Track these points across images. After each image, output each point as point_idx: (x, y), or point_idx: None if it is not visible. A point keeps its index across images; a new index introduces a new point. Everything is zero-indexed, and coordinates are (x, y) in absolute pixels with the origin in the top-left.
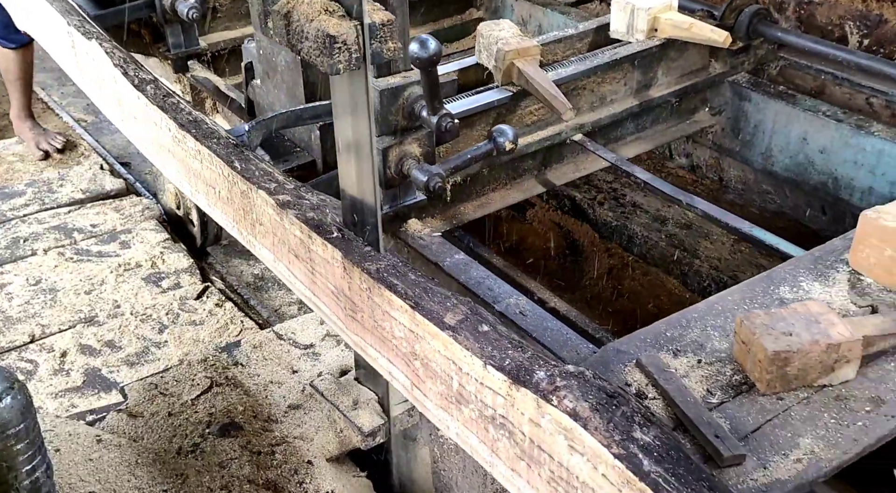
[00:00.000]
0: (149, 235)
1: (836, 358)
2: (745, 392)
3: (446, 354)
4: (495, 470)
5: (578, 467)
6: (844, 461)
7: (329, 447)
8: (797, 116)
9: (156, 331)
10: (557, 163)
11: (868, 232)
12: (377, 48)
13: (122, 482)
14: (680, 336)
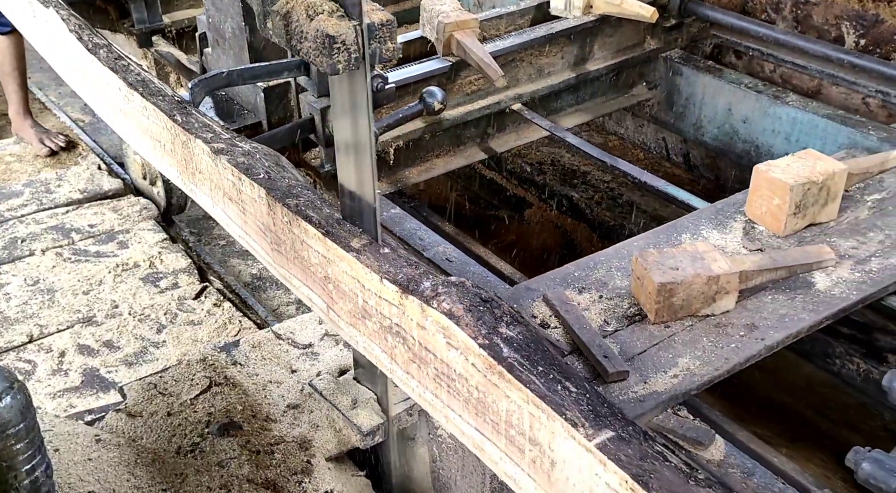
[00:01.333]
0: (147, 236)
1: (716, 290)
2: (638, 322)
3: (352, 273)
4: (395, 376)
5: (455, 360)
6: (716, 376)
7: (328, 446)
8: (723, 88)
9: (154, 331)
10: (499, 132)
11: (759, 184)
12: (376, 48)
13: (121, 481)
14: (586, 276)
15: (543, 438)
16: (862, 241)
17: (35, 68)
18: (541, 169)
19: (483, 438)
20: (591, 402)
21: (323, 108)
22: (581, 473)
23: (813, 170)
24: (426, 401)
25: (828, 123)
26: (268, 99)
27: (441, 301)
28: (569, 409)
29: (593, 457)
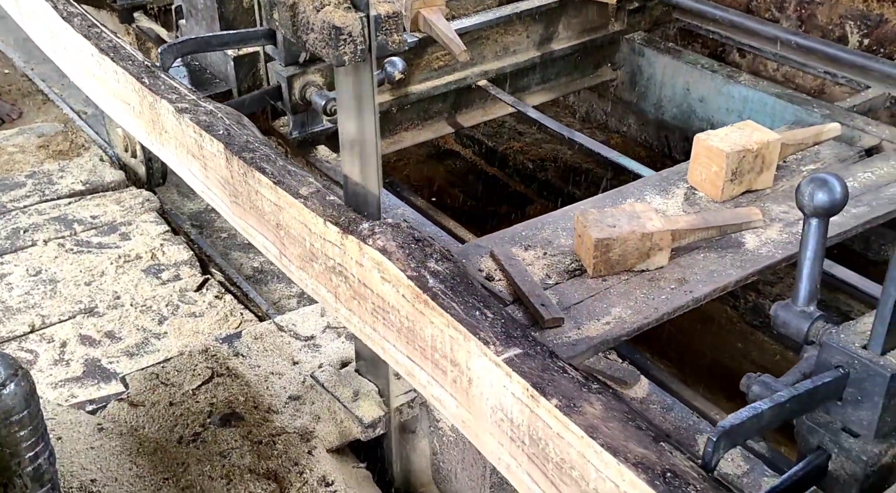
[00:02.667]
0: (149, 227)
1: (650, 246)
2: (578, 276)
3: (300, 219)
4: (340, 314)
5: (388, 293)
6: (645, 324)
7: (329, 437)
8: (681, 68)
9: (155, 322)
10: (466, 107)
11: (699, 152)
12: (382, 40)
13: (123, 470)
14: (533, 235)
15: (461, 358)
16: (792, 206)
17: (38, 59)
18: (542, 166)
19: (413, 364)
20: (505, 326)
21: (289, 76)
22: (492, 386)
23: (749, 139)
24: (366, 335)
25: (776, 101)
26: (238, 68)
27: (377, 239)
28: (483, 330)
29: (501, 371)
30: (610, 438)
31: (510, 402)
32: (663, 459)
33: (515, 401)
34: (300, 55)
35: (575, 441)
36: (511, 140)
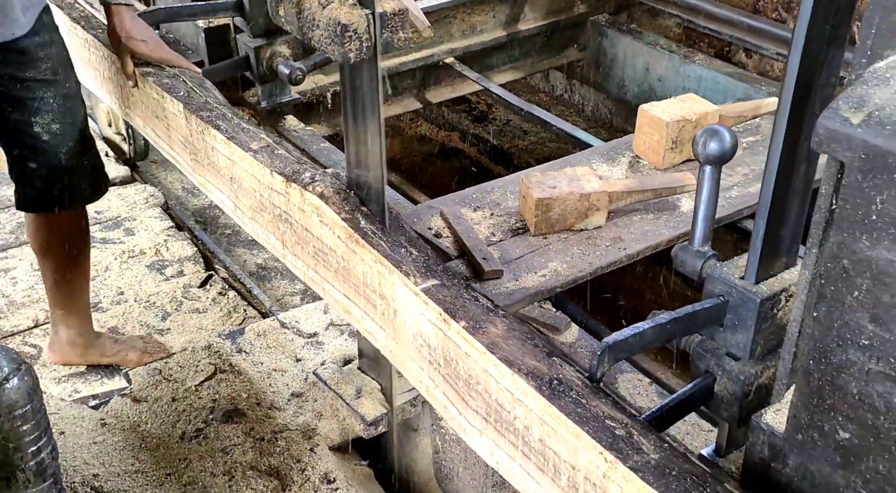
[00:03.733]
0: (153, 223)
1: (588, 206)
2: (521, 234)
3: (250, 171)
4: (287, 260)
5: (326, 236)
6: (579, 277)
7: (331, 435)
8: (641, 49)
9: (159, 318)
10: (435, 84)
11: (644, 122)
12: (388, 37)
13: (125, 465)
14: (482, 198)
15: (388, 291)
16: (729, 174)
17: None
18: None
19: (350, 301)
20: (427, 262)
21: (257, 47)
22: (413, 314)
23: (689, 110)
24: (310, 278)
25: (728, 79)
26: (208, 39)
27: (316, 186)
28: (405, 264)
29: (419, 299)
30: (508, 353)
31: (428, 328)
32: (552, 370)
33: (432, 327)
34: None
35: (479, 358)
36: (516, 139)
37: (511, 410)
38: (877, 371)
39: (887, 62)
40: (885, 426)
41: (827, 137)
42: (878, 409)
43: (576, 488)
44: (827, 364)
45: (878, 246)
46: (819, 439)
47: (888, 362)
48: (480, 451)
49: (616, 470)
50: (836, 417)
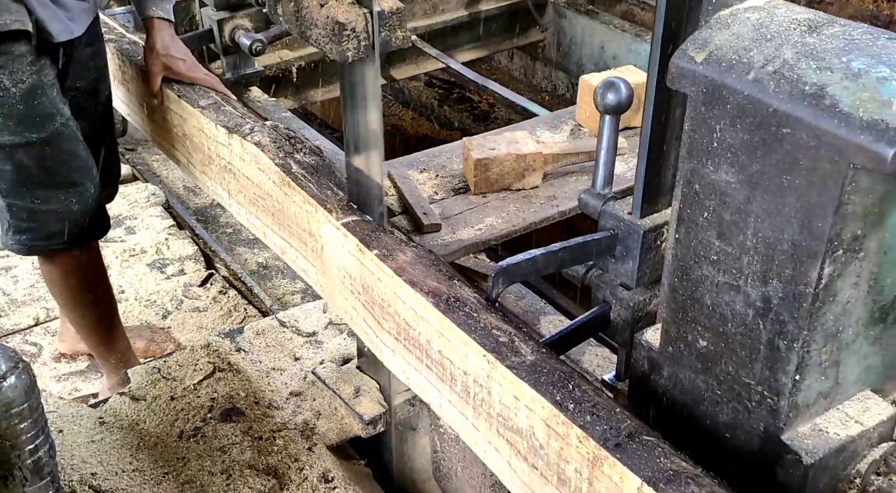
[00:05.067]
0: (154, 222)
1: (524, 167)
2: (462, 193)
3: (198, 126)
4: (232, 209)
5: (263, 182)
6: (513, 231)
7: (330, 434)
8: (597, 28)
9: (159, 317)
10: (399, 61)
11: (584, 91)
12: (386, 36)
13: (123, 464)
14: (430, 161)
15: (315, 228)
16: None
17: None
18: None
19: (285, 243)
20: (351, 203)
21: (219, 19)
22: (336, 247)
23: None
24: (251, 224)
25: None
26: (175, 12)
27: (254, 136)
28: (330, 203)
29: (340, 232)
30: (413, 276)
31: (348, 259)
32: (452, 290)
33: (351, 257)
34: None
35: (389, 282)
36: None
37: (416, 327)
38: (724, 283)
39: (731, 10)
40: (732, 332)
41: (677, 75)
42: (726, 317)
43: (468, 391)
44: (687, 280)
45: (720, 170)
46: (684, 349)
47: (731, 273)
48: (395, 370)
49: (496, 369)
50: (696, 328)
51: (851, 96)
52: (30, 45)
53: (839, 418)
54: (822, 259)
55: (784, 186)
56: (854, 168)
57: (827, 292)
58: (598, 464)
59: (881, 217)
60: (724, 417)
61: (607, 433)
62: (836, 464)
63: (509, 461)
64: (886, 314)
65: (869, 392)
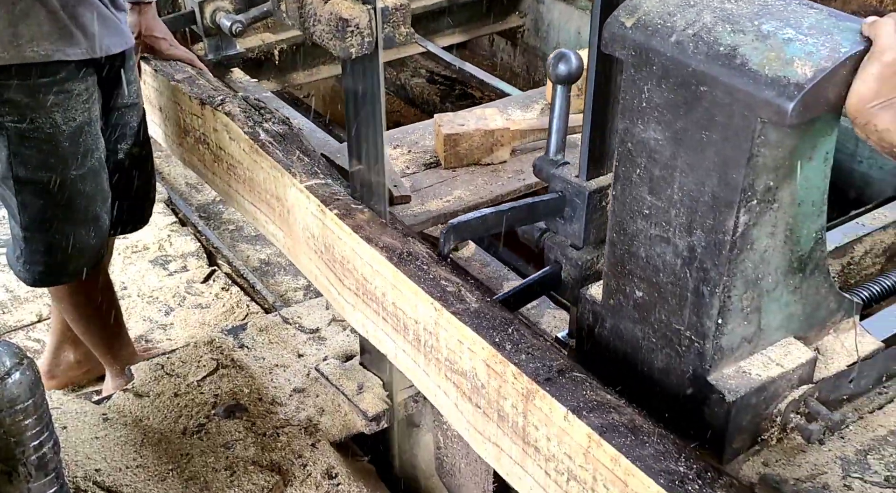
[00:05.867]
0: (156, 218)
1: (492, 142)
2: (433, 168)
3: (173, 99)
4: (207, 179)
5: (234, 150)
6: (481, 202)
7: (333, 430)
8: (573, 13)
9: (162, 313)
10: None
11: None
12: (390, 32)
13: (127, 460)
14: (404, 137)
15: (282, 192)
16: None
17: None
18: None
19: (255, 208)
20: (315, 167)
21: (201, 1)
22: (300, 209)
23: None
24: (226, 194)
25: None
26: None
27: (226, 106)
28: (295, 168)
29: (303, 195)
30: (370, 233)
31: (311, 220)
32: (405, 246)
33: (314, 218)
34: None
35: (347, 239)
36: None
37: (372, 281)
38: (655, 235)
39: None
40: (664, 282)
41: (610, 40)
42: (658, 268)
43: (419, 339)
44: (624, 235)
45: (648, 128)
46: (623, 300)
47: (661, 226)
48: (355, 324)
49: (442, 316)
50: (633, 279)
51: (760, 56)
52: (87, 80)
53: (762, 361)
54: (737, 208)
55: (704, 142)
56: (762, 122)
57: (744, 240)
58: (531, 398)
59: (792, 170)
60: (659, 362)
61: (539, 370)
62: (758, 403)
63: (456, 403)
64: (805, 265)
65: (792, 339)
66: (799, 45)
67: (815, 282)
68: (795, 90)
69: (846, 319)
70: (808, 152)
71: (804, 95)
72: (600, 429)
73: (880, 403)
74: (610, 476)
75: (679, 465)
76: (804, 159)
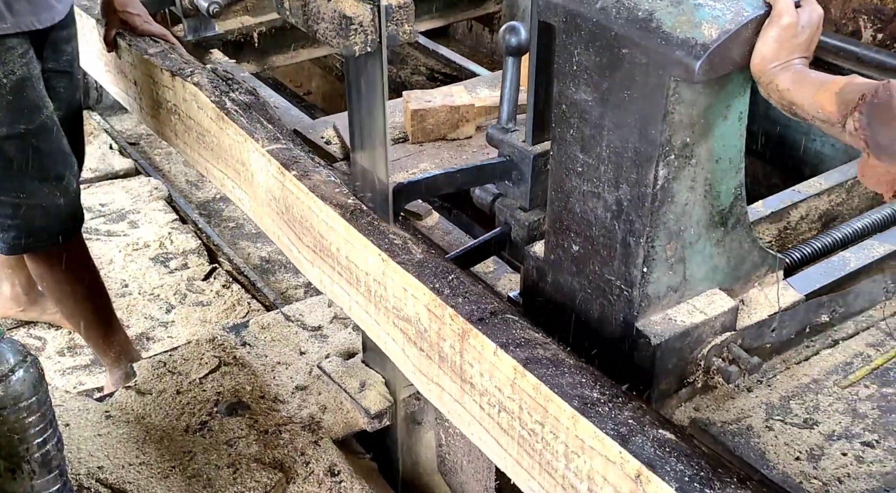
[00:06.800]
0: (157, 216)
1: (458, 118)
2: (402, 143)
3: (147, 72)
4: (179, 148)
5: (202, 119)
6: (444, 173)
7: (335, 428)
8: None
9: (163, 311)
10: None
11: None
12: (393, 30)
13: (130, 457)
14: None
15: (246, 157)
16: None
17: None
18: None
19: (223, 175)
20: (278, 133)
21: None
22: (263, 173)
23: None
24: (195, 161)
25: None
26: None
27: (194, 77)
28: (258, 134)
29: (265, 158)
30: (324, 192)
31: (273, 182)
32: (358, 204)
33: (275, 180)
34: None
35: (305, 198)
36: None
37: (328, 237)
38: (588, 191)
39: None
40: (596, 235)
41: (545, 7)
42: (591, 222)
43: (369, 290)
44: (561, 192)
45: (579, 90)
46: (562, 255)
47: (593, 182)
48: (314, 280)
49: (389, 266)
50: (570, 234)
51: (672, 20)
52: (21, 38)
53: (687, 309)
54: (656, 163)
55: (626, 101)
56: (675, 80)
57: (665, 193)
58: (465, 337)
59: (708, 128)
60: (595, 312)
61: (474, 312)
62: (683, 347)
63: (403, 349)
64: (726, 219)
65: (717, 290)
66: (707, 10)
67: (738, 236)
68: (701, 50)
69: (770, 273)
70: (722, 111)
71: (709, 54)
72: (525, 361)
73: (807, 355)
74: (532, 404)
75: (593, 392)
76: (719, 118)
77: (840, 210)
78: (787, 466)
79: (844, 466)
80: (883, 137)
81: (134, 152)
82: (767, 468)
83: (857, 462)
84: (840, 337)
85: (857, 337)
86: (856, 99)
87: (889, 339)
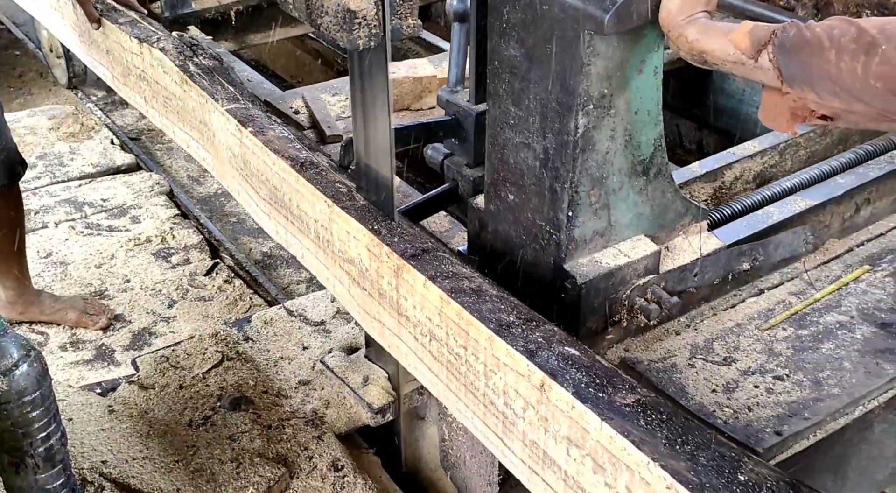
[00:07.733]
0: (159, 211)
1: (421, 89)
2: None
3: (118, 41)
4: (149, 113)
5: (168, 83)
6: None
7: (338, 423)
8: None
9: (165, 306)
10: None
11: None
12: (397, 24)
13: (133, 452)
14: (342, 87)
15: (208, 117)
16: None
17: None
18: None
19: (188, 137)
20: (238, 95)
21: None
22: (223, 131)
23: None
24: (164, 125)
25: None
26: None
27: (160, 43)
28: (219, 95)
29: (224, 117)
30: (278, 146)
31: (232, 140)
32: (308, 157)
33: (233, 137)
34: None
35: (259, 153)
36: None
37: (281, 188)
38: (519, 142)
39: None
40: (528, 184)
41: None
42: (523, 171)
43: (318, 236)
44: (497, 145)
45: (509, 47)
46: (500, 205)
47: (523, 133)
48: (270, 231)
49: (334, 211)
50: (506, 184)
51: None
52: None
53: (612, 253)
54: (576, 112)
55: (548, 54)
56: (589, 34)
57: (586, 141)
58: (400, 272)
59: (625, 81)
60: (529, 257)
61: (407, 250)
62: (607, 287)
63: (349, 289)
64: (647, 169)
65: (642, 236)
66: None
67: (660, 186)
68: (610, 4)
69: (694, 223)
70: (637, 65)
71: (617, 7)
72: (450, 291)
73: (733, 303)
74: (456, 329)
75: (510, 316)
76: (634, 71)
77: (773, 171)
78: (704, 397)
79: (755, 397)
80: (794, 64)
81: (135, 147)
82: (686, 399)
83: (766, 393)
84: (765, 287)
85: (781, 287)
86: (768, 35)
87: (810, 288)
